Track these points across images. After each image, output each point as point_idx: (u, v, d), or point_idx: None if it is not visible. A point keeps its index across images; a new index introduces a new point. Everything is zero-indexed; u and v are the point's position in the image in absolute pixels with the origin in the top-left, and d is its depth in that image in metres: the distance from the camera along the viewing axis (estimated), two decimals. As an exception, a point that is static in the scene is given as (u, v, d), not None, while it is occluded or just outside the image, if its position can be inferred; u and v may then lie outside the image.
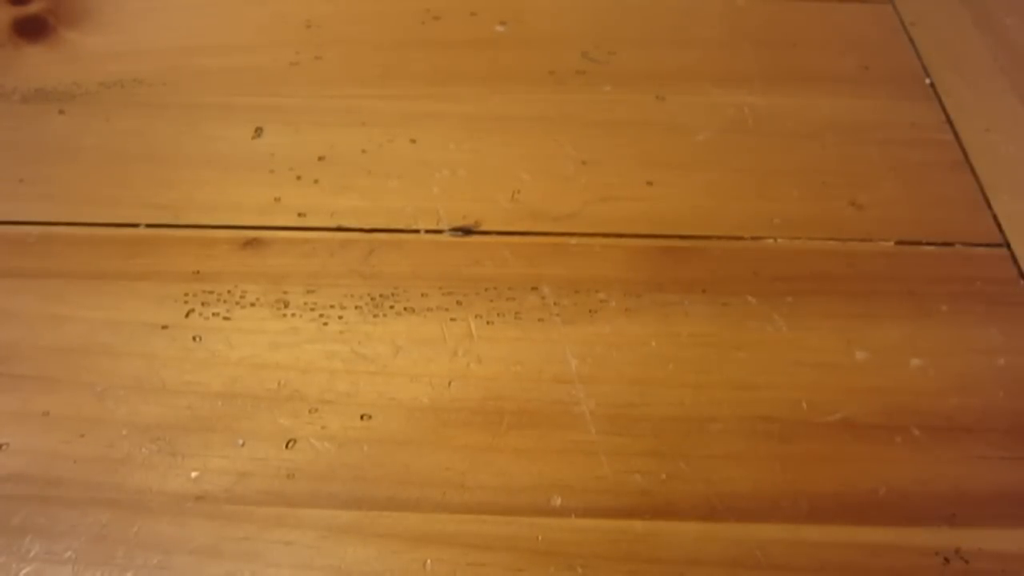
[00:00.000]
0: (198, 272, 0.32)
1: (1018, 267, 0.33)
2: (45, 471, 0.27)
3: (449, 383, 0.29)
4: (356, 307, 0.31)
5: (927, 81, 0.42)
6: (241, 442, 0.28)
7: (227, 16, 0.44)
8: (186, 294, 0.32)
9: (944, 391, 0.30)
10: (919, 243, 0.34)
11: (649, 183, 0.36)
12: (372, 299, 0.32)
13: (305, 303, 0.31)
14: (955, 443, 0.27)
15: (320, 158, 0.36)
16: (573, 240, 0.34)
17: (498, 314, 0.32)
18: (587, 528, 0.26)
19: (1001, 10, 0.46)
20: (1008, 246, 0.34)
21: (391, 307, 0.32)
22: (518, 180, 0.36)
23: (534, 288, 0.32)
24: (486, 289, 0.32)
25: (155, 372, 0.29)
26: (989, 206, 0.36)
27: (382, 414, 0.29)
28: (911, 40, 0.44)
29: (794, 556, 0.26)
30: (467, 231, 0.33)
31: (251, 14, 0.44)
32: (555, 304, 0.32)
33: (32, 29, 0.42)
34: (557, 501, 0.27)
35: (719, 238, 0.34)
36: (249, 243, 0.34)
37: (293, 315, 0.31)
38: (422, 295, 0.32)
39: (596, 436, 0.28)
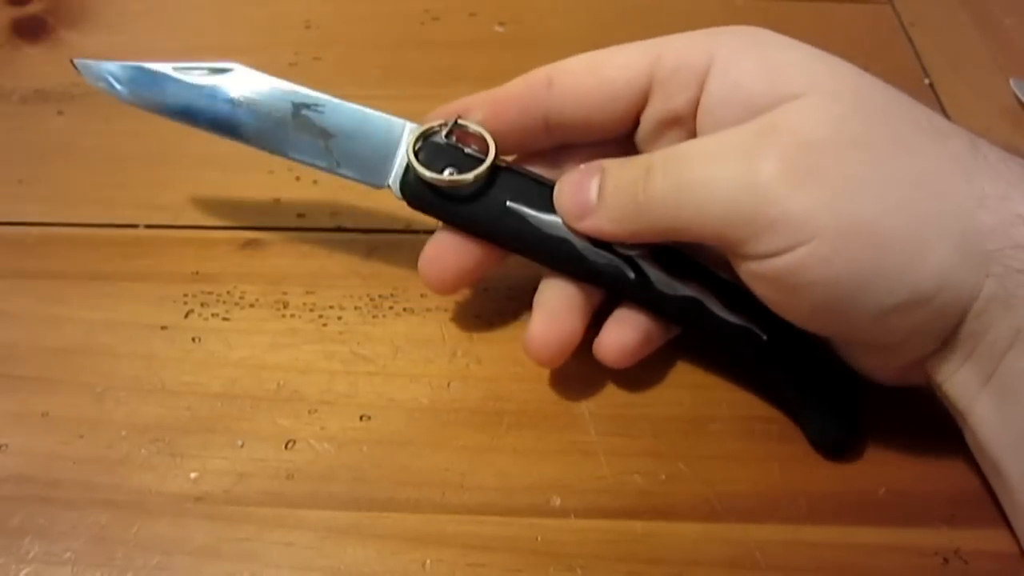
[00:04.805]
0: (197, 273, 0.32)
1: (1018, 267, 0.33)
2: (44, 472, 0.27)
3: (448, 384, 0.29)
4: (355, 308, 0.31)
5: (926, 81, 0.42)
6: (240, 443, 0.28)
7: (227, 16, 0.44)
8: (185, 295, 0.32)
9: (944, 391, 0.29)
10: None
11: (649, 183, 0.36)
12: (371, 300, 0.32)
13: (304, 304, 0.31)
14: (955, 443, 0.26)
15: (319, 158, 0.36)
16: (572, 240, 0.34)
17: (498, 314, 0.32)
18: (586, 528, 0.26)
19: (1001, 10, 0.46)
20: (1008, 246, 0.34)
21: (390, 307, 0.32)
22: (517, 180, 0.36)
23: (534, 289, 0.32)
24: (485, 289, 0.32)
25: (154, 373, 0.29)
26: (989, 206, 0.35)
27: (381, 415, 0.29)
28: (911, 40, 0.44)
29: (793, 556, 0.26)
30: (466, 231, 0.33)
31: (251, 14, 0.44)
32: (554, 304, 0.31)
33: (32, 29, 0.42)
34: (556, 501, 0.27)
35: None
36: (248, 244, 0.34)
37: (292, 316, 0.31)
38: (421, 295, 0.32)
39: (596, 436, 0.28)
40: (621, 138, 0.29)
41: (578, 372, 0.30)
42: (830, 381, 0.28)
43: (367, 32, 0.43)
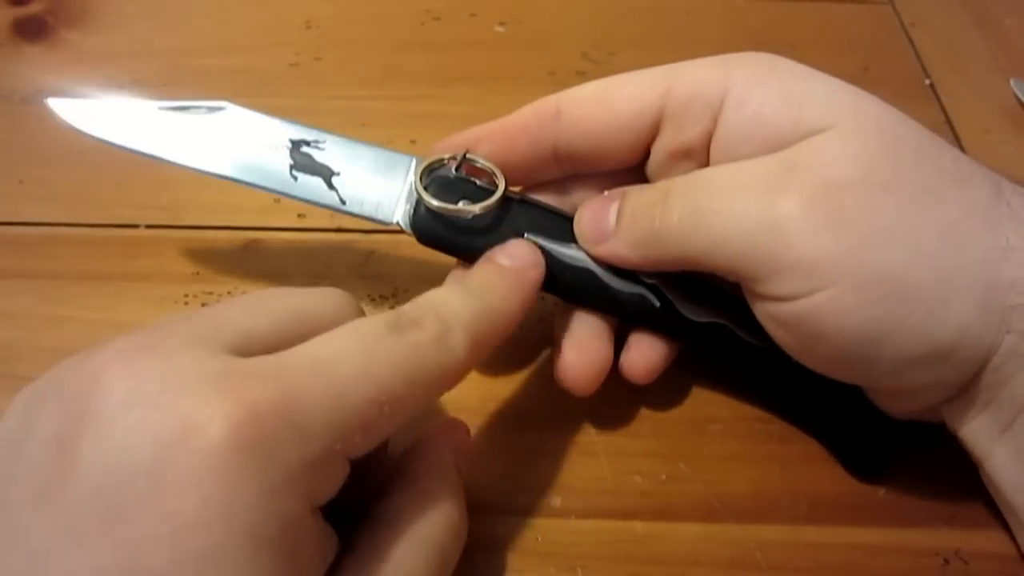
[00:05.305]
0: (198, 273, 0.32)
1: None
2: (45, 472, 0.27)
3: (449, 384, 0.29)
4: (356, 308, 0.31)
5: (927, 81, 0.42)
6: (241, 443, 0.28)
7: (227, 16, 0.44)
8: (186, 295, 0.32)
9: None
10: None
11: (649, 183, 0.36)
12: (372, 300, 0.32)
13: (305, 304, 0.31)
14: (954, 443, 0.26)
15: (320, 159, 0.36)
16: (573, 240, 0.34)
17: (498, 315, 0.31)
18: (587, 529, 0.26)
19: (1001, 10, 0.46)
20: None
21: (391, 308, 0.31)
22: (518, 180, 0.36)
23: (534, 289, 0.32)
24: (486, 290, 0.32)
25: (155, 373, 0.29)
26: (989, 206, 0.35)
27: (382, 415, 0.28)
28: (911, 41, 0.44)
29: (793, 557, 0.26)
30: (467, 232, 0.33)
31: (251, 14, 0.44)
32: (555, 304, 0.32)
33: (32, 29, 0.42)
34: (557, 501, 0.27)
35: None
36: (249, 244, 0.34)
37: (293, 316, 0.31)
38: (422, 296, 0.32)
39: (596, 436, 0.28)
40: (631, 168, 0.28)
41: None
42: (862, 405, 0.27)
43: (368, 32, 0.43)
